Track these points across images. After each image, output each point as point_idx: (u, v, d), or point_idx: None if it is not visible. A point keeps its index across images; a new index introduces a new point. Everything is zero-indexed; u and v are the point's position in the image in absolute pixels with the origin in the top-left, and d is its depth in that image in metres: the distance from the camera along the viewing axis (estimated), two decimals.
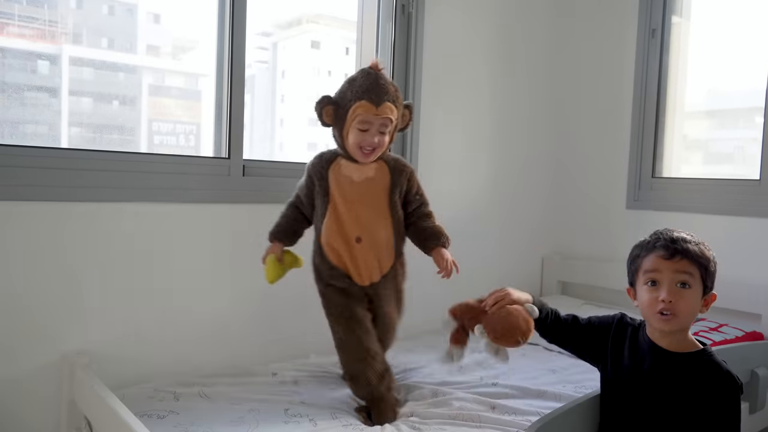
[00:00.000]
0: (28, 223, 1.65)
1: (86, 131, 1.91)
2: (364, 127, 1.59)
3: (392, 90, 1.62)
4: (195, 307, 1.94)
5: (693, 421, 1.27)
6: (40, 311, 1.67)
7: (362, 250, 1.66)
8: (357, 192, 1.66)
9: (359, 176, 1.67)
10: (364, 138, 1.60)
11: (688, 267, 1.28)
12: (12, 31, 1.74)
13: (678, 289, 1.27)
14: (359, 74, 1.63)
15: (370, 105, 1.57)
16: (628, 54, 2.76)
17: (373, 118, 1.58)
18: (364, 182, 1.67)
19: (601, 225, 2.86)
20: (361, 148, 1.61)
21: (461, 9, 2.61)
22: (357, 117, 1.58)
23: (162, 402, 1.63)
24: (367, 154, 1.62)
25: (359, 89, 1.58)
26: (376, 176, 1.68)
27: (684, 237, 1.32)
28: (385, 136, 1.62)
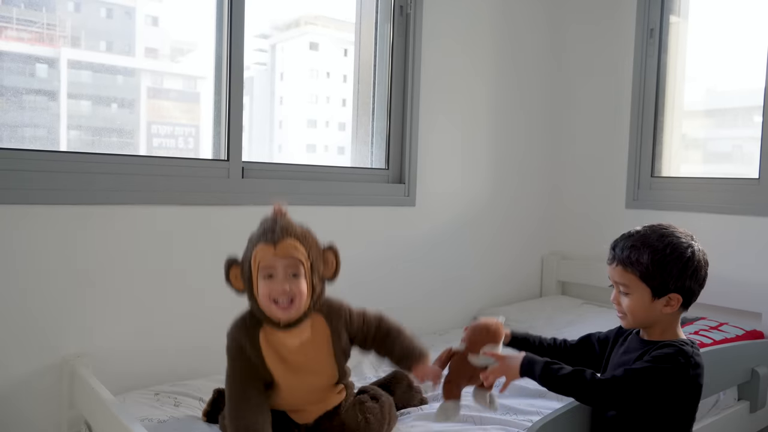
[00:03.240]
0: (27, 227, 1.65)
1: (85, 134, 1.91)
2: (267, 272, 1.32)
3: (297, 228, 1.36)
4: (195, 310, 1.94)
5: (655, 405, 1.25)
6: (41, 314, 1.67)
7: (310, 406, 1.45)
8: (297, 359, 1.39)
9: (294, 341, 1.38)
10: (272, 287, 1.31)
11: (622, 274, 1.29)
12: (10, 34, 1.73)
13: (620, 295, 1.31)
14: (259, 224, 1.40)
15: (268, 246, 1.31)
16: (627, 54, 2.77)
17: (274, 260, 1.31)
18: (301, 347, 1.39)
19: (601, 225, 2.86)
20: (275, 303, 1.32)
21: (459, 10, 2.61)
22: (258, 264, 1.32)
23: (162, 407, 1.62)
24: (283, 308, 1.32)
25: (256, 237, 1.36)
26: (313, 335, 1.40)
27: (630, 238, 1.29)
28: (299, 281, 1.32)
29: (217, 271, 1.43)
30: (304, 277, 1.33)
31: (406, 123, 2.47)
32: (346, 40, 2.55)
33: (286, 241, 1.32)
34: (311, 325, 1.40)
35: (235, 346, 1.39)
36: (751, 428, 2.08)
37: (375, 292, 2.34)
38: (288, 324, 1.36)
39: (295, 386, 1.40)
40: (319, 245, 1.40)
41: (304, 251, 1.33)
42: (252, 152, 2.18)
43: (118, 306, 1.80)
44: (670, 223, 1.33)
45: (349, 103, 2.53)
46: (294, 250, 1.32)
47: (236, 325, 1.41)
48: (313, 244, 1.38)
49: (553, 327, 2.42)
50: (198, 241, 1.94)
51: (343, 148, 2.56)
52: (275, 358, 1.38)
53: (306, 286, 1.34)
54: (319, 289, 1.39)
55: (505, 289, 2.87)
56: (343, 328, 1.43)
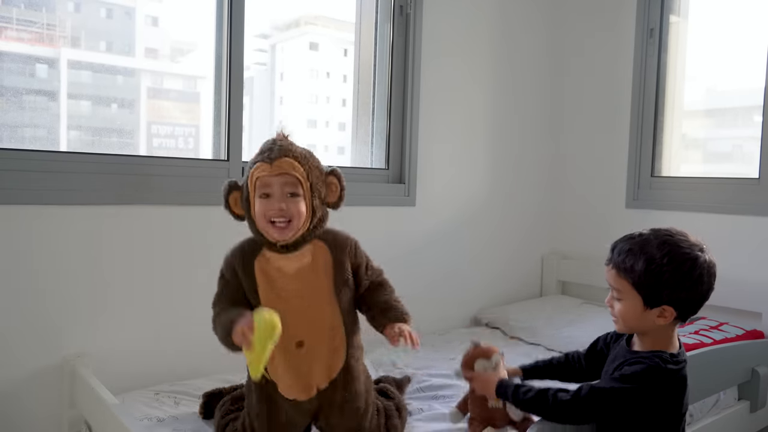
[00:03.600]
0: (27, 227, 1.65)
1: (85, 134, 1.91)
2: (264, 191, 1.28)
3: (297, 149, 1.32)
4: (196, 311, 1.93)
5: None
6: (41, 314, 1.67)
7: (306, 357, 1.33)
8: (292, 286, 1.33)
9: (291, 267, 1.33)
10: (269, 206, 1.27)
11: (615, 279, 1.25)
12: (10, 35, 1.73)
13: (613, 299, 1.28)
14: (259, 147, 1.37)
15: (264, 164, 1.27)
16: (627, 53, 2.77)
17: (271, 178, 1.27)
18: (298, 273, 1.33)
19: (601, 224, 2.86)
20: (271, 222, 1.27)
21: (459, 9, 2.61)
22: (256, 183, 1.29)
23: (162, 406, 1.62)
24: (280, 228, 1.27)
25: (254, 157, 1.33)
26: (313, 262, 1.34)
27: (626, 245, 1.24)
28: (297, 200, 1.28)
29: (218, 270, 1.43)
30: (302, 198, 1.29)
31: (406, 123, 2.47)
32: (346, 40, 2.56)
33: (284, 159, 1.28)
34: (312, 251, 1.35)
35: (228, 270, 1.36)
36: (751, 428, 2.08)
37: None
38: (286, 247, 1.31)
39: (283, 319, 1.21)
40: (322, 168, 1.36)
41: (302, 170, 1.29)
42: (252, 152, 2.18)
43: (118, 306, 1.80)
44: (683, 230, 1.26)
45: (349, 103, 2.53)
46: (291, 168, 1.28)
47: (233, 249, 1.38)
48: (314, 165, 1.33)
49: (553, 327, 2.42)
50: (198, 241, 1.94)
51: (343, 148, 2.56)
52: (267, 286, 1.33)
53: (305, 206, 1.29)
54: (321, 213, 1.33)
55: (505, 289, 2.87)
56: (347, 259, 1.37)
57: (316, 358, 1.34)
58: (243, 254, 1.35)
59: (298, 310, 1.32)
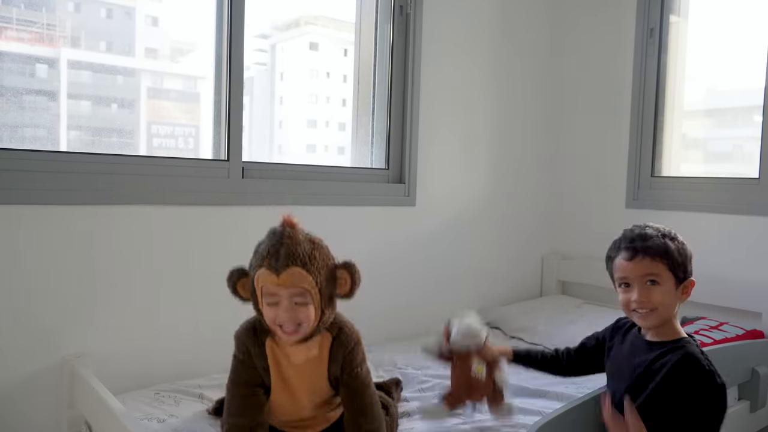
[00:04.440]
0: (26, 227, 1.65)
1: (85, 134, 1.91)
2: (271, 300, 1.27)
3: (304, 250, 1.26)
4: (195, 311, 1.94)
5: (667, 407, 1.25)
6: (41, 314, 1.67)
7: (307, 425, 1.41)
8: (299, 376, 1.35)
9: (299, 357, 1.34)
10: (277, 313, 1.26)
11: (650, 265, 1.28)
12: (10, 35, 1.73)
13: (648, 287, 1.29)
14: (267, 235, 1.32)
15: (270, 274, 1.24)
16: (627, 53, 2.77)
17: (278, 288, 1.24)
18: (306, 364, 1.35)
19: (601, 224, 2.85)
20: (280, 327, 1.28)
21: (460, 10, 2.61)
22: (262, 289, 1.27)
23: (162, 406, 1.62)
24: (288, 333, 1.27)
25: (260, 255, 1.28)
26: (320, 354, 1.35)
27: (645, 233, 1.31)
28: (306, 308, 1.26)
29: (217, 270, 1.43)
30: (311, 303, 1.27)
31: (406, 123, 2.47)
32: (346, 40, 2.56)
33: (291, 269, 1.23)
34: (320, 343, 1.35)
35: (243, 350, 1.36)
36: (751, 428, 2.08)
37: (375, 292, 2.34)
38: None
39: (285, 403, 1.37)
40: (330, 264, 1.32)
41: (310, 279, 1.25)
42: (252, 152, 2.19)
43: (118, 306, 1.80)
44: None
45: (349, 103, 2.53)
46: (299, 280, 1.24)
47: (245, 329, 1.38)
48: (322, 266, 1.28)
49: (553, 327, 2.42)
50: (198, 241, 1.94)
51: (343, 148, 2.56)
52: (276, 370, 1.35)
53: (313, 311, 1.27)
54: (330, 311, 1.33)
55: (505, 289, 2.87)
56: (341, 357, 1.36)
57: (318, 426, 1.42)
58: (255, 334, 1.37)
59: (303, 395, 1.37)
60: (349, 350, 1.36)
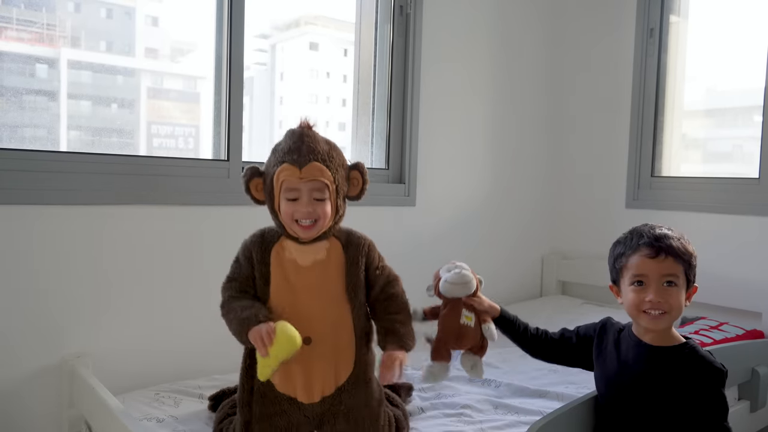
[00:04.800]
0: (26, 227, 1.65)
1: (85, 134, 1.91)
2: (292, 195, 1.29)
3: (323, 148, 1.32)
4: (195, 311, 1.94)
5: (681, 413, 1.26)
6: (41, 314, 1.67)
7: (313, 355, 1.30)
8: (305, 279, 1.33)
9: (307, 259, 1.34)
10: (296, 208, 1.29)
11: (673, 265, 1.26)
12: (10, 35, 1.73)
13: (665, 288, 1.26)
14: (285, 135, 1.37)
15: (293, 167, 1.28)
16: (627, 53, 2.77)
17: (299, 183, 1.28)
18: (313, 267, 1.34)
19: (601, 224, 2.86)
20: (297, 222, 1.30)
21: (459, 9, 2.61)
22: (282, 184, 1.30)
23: (162, 406, 1.62)
24: (306, 227, 1.30)
25: (281, 152, 1.32)
26: (327, 257, 1.36)
27: (666, 234, 1.29)
28: (324, 204, 1.30)
29: (217, 270, 1.43)
30: (329, 200, 1.31)
31: (406, 123, 2.47)
32: (346, 40, 2.56)
33: (313, 164, 1.28)
34: (327, 248, 1.37)
35: (244, 254, 1.37)
36: (751, 428, 2.08)
37: None
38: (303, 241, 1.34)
39: (291, 312, 1.28)
40: (345, 164, 1.38)
41: (330, 174, 1.30)
42: (252, 152, 2.19)
43: (118, 306, 1.80)
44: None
45: (349, 103, 2.53)
46: (320, 174, 1.29)
47: (253, 235, 1.40)
48: (339, 164, 1.35)
49: (553, 327, 2.41)
50: (198, 241, 1.94)
51: (343, 148, 2.55)
52: (280, 277, 1.34)
53: (330, 207, 1.31)
54: (343, 210, 1.37)
55: (505, 289, 2.87)
56: (361, 257, 1.38)
57: (323, 357, 1.32)
58: (263, 240, 1.37)
59: (307, 305, 1.32)
60: (366, 249, 1.40)
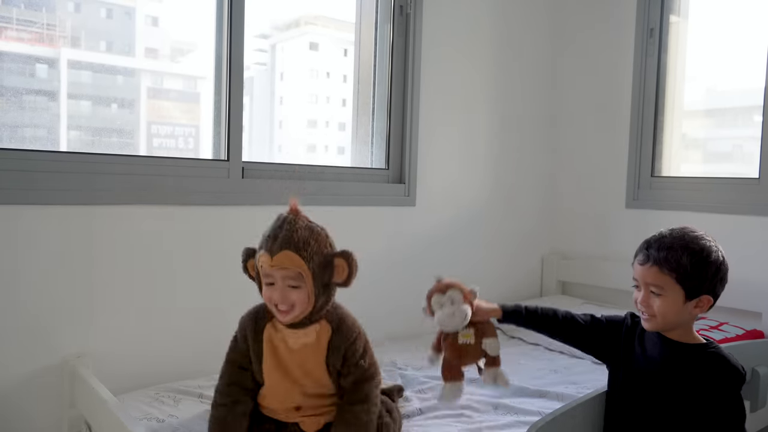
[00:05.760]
0: (26, 227, 1.65)
1: (85, 134, 1.91)
2: (268, 280, 1.34)
3: (300, 236, 1.33)
4: (195, 310, 1.94)
5: (696, 410, 1.28)
6: (41, 314, 1.67)
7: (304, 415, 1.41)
8: (294, 360, 1.39)
9: (296, 342, 1.39)
10: (272, 294, 1.34)
11: (657, 275, 1.28)
12: (10, 35, 1.73)
13: (651, 296, 1.30)
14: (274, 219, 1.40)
15: (266, 255, 1.32)
16: (627, 53, 2.77)
17: (271, 270, 1.32)
18: (302, 349, 1.39)
19: (601, 224, 2.86)
20: (276, 308, 1.35)
21: (459, 9, 2.61)
22: (261, 270, 1.35)
23: (162, 406, 1.62)
24: (282, 312, 1.34)
25: (263, 238, 1.36)
26: (317, 341, 1.39)
27: (664, 241, 1.29)
28: (299, 291, 1.32)
29: (217, 270, 1.43)
30: (304, 287, 1.32)
31: (406, 123, 2.47)
32: (346, 40, 2.56)
33: (284, 253, 1.30)
34: (318, 331, 1.40)
35: (241, 332, 1.44)
36: (751, 428, 2.08)
37: (375, 292, 2.34)
38: (293, 324, 1.38)
39: (280, 387, 1.40)
40: (325, 251, 1.36)
41: (302, 263, 1.31)
42: (252, 152, 2.19)
43: (118, 306, 1.80)
44: (691, 225, 1.35)
45: (349, 103, 2.53)
46: (289, 262, 1.30)
47: (248, 313, 1.45)
48: (316, 252, 1.34)
49: None
50: (198, 241, 1.94)
51: (343, 148, 2.56)
52: (270, 355, 1.40)
53: (306, 295, 1.33)
54: (324, 298, 1.37)
55: (505, 289, 2.87)
56: (344, 348, 1.39)
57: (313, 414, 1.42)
58: (256, 320, 1.43)
59: (296, 380, 1.40)
60: (350, 342, 1.40)
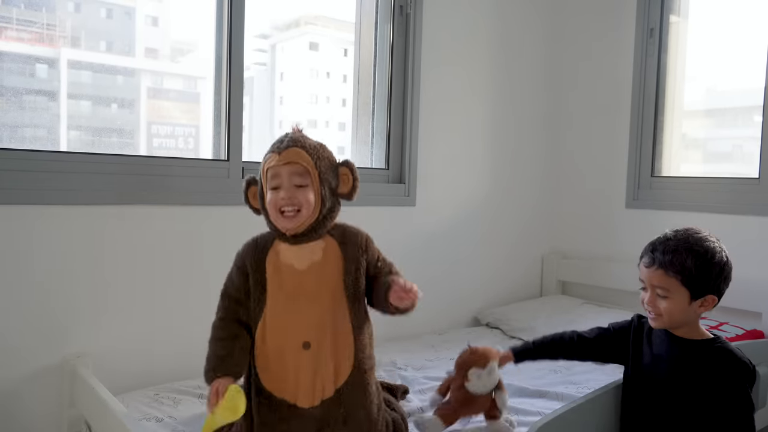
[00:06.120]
0: (26, 227, 1.65)
1: (85, 134, 1.91)
2: (274, 183, 1.30)
3: (308, 141, 1.33)
4: (195, 311, 1.94)
5: (706, 405, 1.29)
6: (41, 314, 1.67)
7: (312, 360, 1.28)
8: (301, 283, 1.31)
9: (303, 262, 1.32)
10: (277, 195, 1.29)
11: (662, 278, 1.31)
12: (10, 35, 1.74)
13: (657, 297, 1.33)
14: None
15: (274, 154, 1.30)
16: (627, 53, 2.77)
17: (280, 168, 1.28)
18: (309, 270, 1.31)
19: (601, 224, 2.86)
20: (281, 212, 1.28)
21: (459, 9, 2.61)
22: (267, 173, 1.31)
23: (162, 406, 1.62)
24: (288, 217, 1.28)
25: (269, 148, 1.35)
26: (324, 258, 1.33)
27: (669, 244, 1.32)
28: (305, 190, 1.28)
29: (217, 270, 1.43)
30: (311, 187, 1.29)
31: (406, 123, 2.47)
32: (346, 40, 2.56)
33: (292, 149, 1.30)
34: (323, 247, 1.34)
35: (239, 265, 1.36)
36: None
37: None
38: (297, 237, 1.31)
39: (287, 318, 1.29)
40: (333, 160, 1.36)
41: (309, 159, 1.29)
42: (252, 152, 2.19)
43: (118, 306, 1.80)
44: (695, 226, 1.37)
45: (349, 103, 2.53)
46: (298, 157, 1.29)
47: (246, 243, 1.38)
48: (324, 156, 1.33)
49: (553, 327, 2.40)
50: (198, 241, 1.94)
51: (343, 148, 2.56)
52: (276, 284, 1.31)
53: (313, 196, 1.29)
54: (330, 203, 1.33)
55: (505, 289, 2.87)
56: (359, 257, 1.35)
57: (322, 361, 1.29)
58: (256, 247, 1.35)
59: (305, 309, 1.30)
60: (364, 245, 1.38)
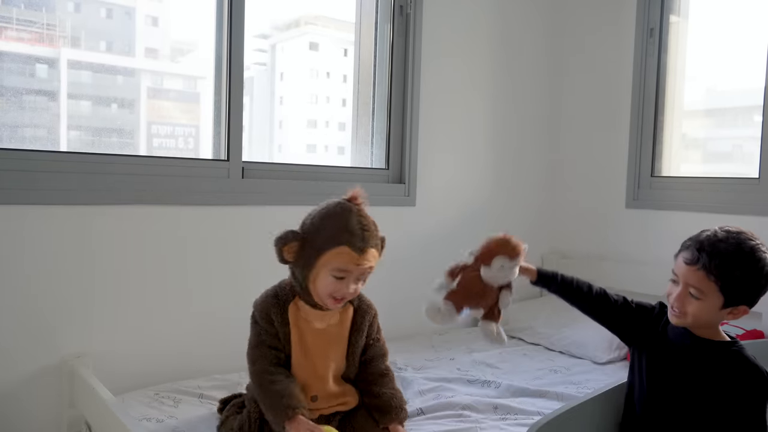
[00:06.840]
0: (26, 227, 1.65)
1: (85, 134, 1.91)
2: (340, 275, 1.32)
3: (374, 230, 1.37)
4: (195, 310, 1.94)
5: (717, 410, 1.27)
6: (41, 314, 1.67)
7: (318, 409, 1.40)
8: (317, 341, 1.40)
9: (321, 323, 1.41)
10: (339, 288, 1.33)
11: (702, 280, 1.22)
12: (10, 35, 1.73)
13: (688, 296, 1.25)
14: (335, 208, 1.36)
15: (353, 253, 1.30)
16: (627, 53, 2.76)
17: (354, 267, 1.31)
18: (326, 330, 1.41)
19: (601, 224, 2.85)
20: (334, 298, 1.35)
21: (459, 9, 2.61)
22: (334, 265, 1.31)
23: (162, 406, 1.62)
24: (338, 301, 1.36)
25: (338, 231, 1.31)
26: (340, 322, 1.43)
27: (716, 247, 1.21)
28: (362, 283, 1.38)
29: (217, 270, 1.43)
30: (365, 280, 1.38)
31: (406, 123, 2.47)
32: (346, 40, 2.56)
33: (370, 251, 1.34)
34: (342, 312, 1.44)
35: (265, 317, 1.39)
36: None
37: (375, 293, 2.33)
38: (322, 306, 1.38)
39: (302, 371, 1.39)
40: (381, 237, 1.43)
41: (378, 257, 1.38)
42: (252, 152, 2.19)
43: (118, 306, 1.80)
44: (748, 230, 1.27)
45: (349, 103, 2.53)
46: (373, 259, 1.35)
47: (267, 297, 1.42)
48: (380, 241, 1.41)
49: (553, 327, 2.42)
50: (198, 241, 1.94)
51: (343, 148, 2.56)
52: (297, 339, 1.39)
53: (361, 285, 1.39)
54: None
55: None
56: (365, 327, 1.46)
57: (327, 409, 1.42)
58: (278, 301, 1.40)
59: (316, 365, 1.40)
60: (371, 319, 1.48)
